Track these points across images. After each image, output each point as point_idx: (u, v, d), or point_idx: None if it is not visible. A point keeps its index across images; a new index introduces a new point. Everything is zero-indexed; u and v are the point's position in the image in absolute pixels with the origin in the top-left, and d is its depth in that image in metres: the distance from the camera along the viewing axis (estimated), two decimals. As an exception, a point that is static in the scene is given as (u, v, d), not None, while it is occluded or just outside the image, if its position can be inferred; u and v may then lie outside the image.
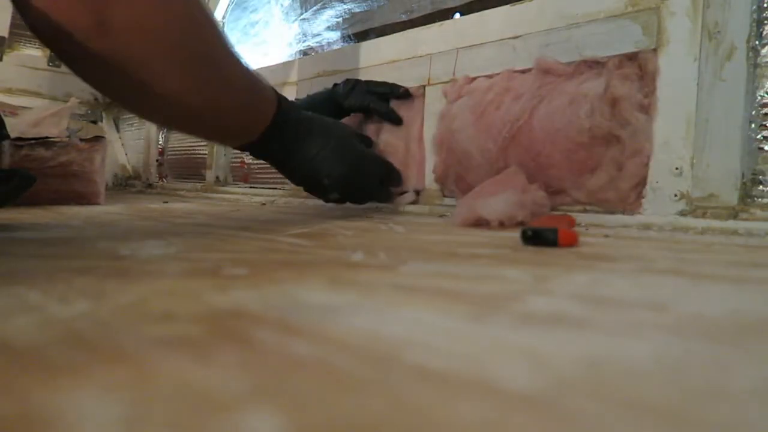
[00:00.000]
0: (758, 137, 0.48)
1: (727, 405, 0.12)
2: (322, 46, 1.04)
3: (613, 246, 0.39)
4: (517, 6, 0.64)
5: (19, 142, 0.74)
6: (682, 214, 0.50)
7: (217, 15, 1.29)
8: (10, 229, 0.46)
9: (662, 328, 0.18)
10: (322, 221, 0.56)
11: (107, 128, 1.48)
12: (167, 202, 0.94)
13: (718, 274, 0.29)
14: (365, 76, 0.81)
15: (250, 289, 0.23)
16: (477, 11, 0.69)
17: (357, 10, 0.97)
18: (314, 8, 1.05)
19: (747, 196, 0.48)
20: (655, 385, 0.13)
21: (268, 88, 0.55)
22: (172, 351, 0.15)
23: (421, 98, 0.74)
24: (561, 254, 0.35)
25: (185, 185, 1.26)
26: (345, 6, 0.99)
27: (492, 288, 0.25)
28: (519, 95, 0.61)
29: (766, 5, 0.48)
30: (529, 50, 0.62)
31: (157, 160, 1.39)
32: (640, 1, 0.54)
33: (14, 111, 0.86)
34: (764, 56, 0.48)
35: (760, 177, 0.48)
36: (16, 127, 0.74)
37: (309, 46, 1.07)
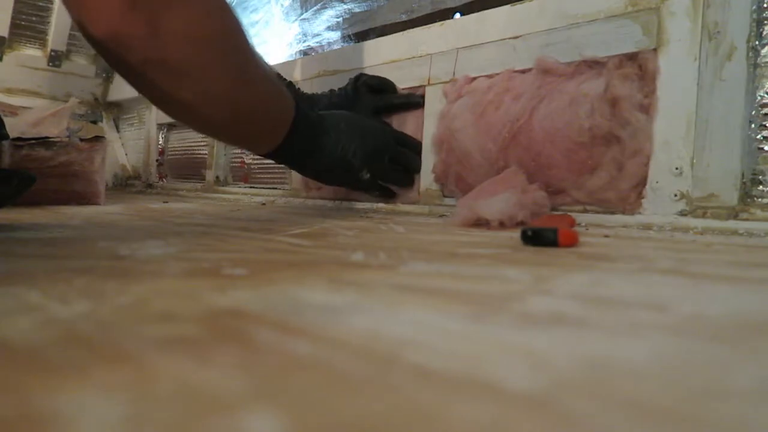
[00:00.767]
0: (758, 137, 0.48)
1: (727, 405, 0.12)
2: (322, 46, 1.04)
3: (613, 246, 0.39)
4: (518, 6, 0.64)
5: (19, 142, 0.74)
6: (682, 214, 0.50)
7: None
8: (10, 229, 0.46)
9: (662, 329, 0.18)
10: (322, 221, 0.56)
11: (107, 128, 1.47)
12: (167, 202, 0.94)
13: (718, 274, 0.29)
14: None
15: (249, 289, 0.23)
16: (477, 11, 0.69)
17: (357, 10, 0.97)
18: (314, 8, 1.04)
19: (747, 196, 0.48)
20: (655, 385, 0.13)
21: (287, 94, 0.56)
22: (172, 351, 0.15)
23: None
24: (561, 254, 0.35)
25: (185, 185, 1.26)
26: (345, 6, 0.99)
27: (492, 288, 0.25)
28: (519, 95, 0.61)
29: (766, 5, 0.48)
30: (529, 50, 0.62)
31: (157, 160, 1.38)
32: (640, 1, 0.54)
33: (14, 111, 0.86)
34: (764, 56, 0.48)
35: (760, 177, 0.48)
36: (16, 127, 0.74)
37: (309, 46, 1.07)
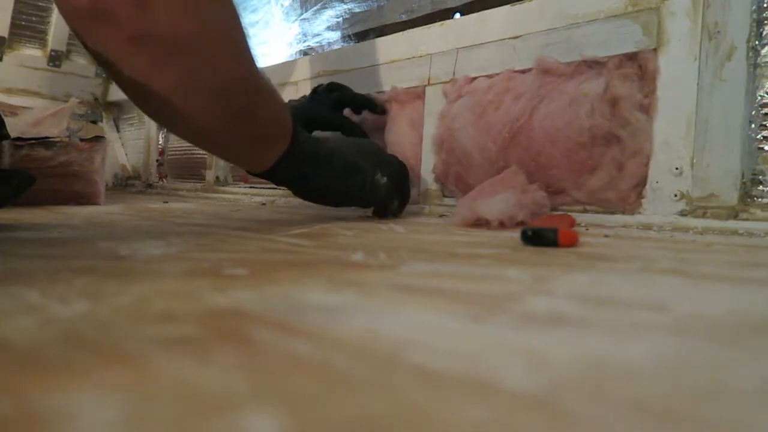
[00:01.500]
0: (758, 137, 0.48)
1: (727, 405, 0.12)
2: (322, 46, 1.04)
3: (613, 246, 0.39)
4: (518, 6, 0.64)
5: (19, 142, 0.74)
6: (682, 214, 0.50)
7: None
8: (10, 229, 0.46)
9: (662, 328, 0.18)
10: (322, 221, 0.56)
11: (107, 128, 1.47)
12: (167, 202, 0.94)
13: (718, 274, 0.29)
14: (365, 76, 0.81)
15: (249, 289, 0.23)
16: (477, 11, 0.69)
17: (357, 10, 0.97)
18: (314, 8, 1.04)
19: (747, 196, 0.48)
20: (655, 385, 0.13)
21: (283, 101, 0.49)
22: (172, 351, 0.15)
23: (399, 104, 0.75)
24: (561, 254, 0.35)
25: (185, 185, 1.26)
26: (345, 6, 0.99)
27: (492, 288, 0.25)
28: (519, 95, 0.61)
29: (766, 5, 0.48)
30: (529, 50, 0.62)
31: (157, 160, 1.38)
32: (640, 1, 0.54)
33: (14, 111, 0.86)
34: (764, 56, 0.48)
35: (760, 177, 0.48)
36: (16, 127, 0.74)
37: (309, 46, 1.07)
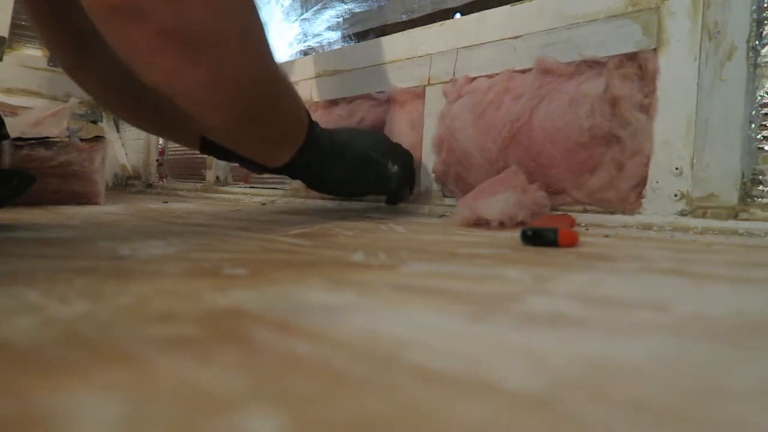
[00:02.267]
0: (758, 137, 0.48)
1: (727, 405, 0.12)
2: (322, 46, 1.04)
3: (613, 246, 0.39)
4: (518, 6, 0.64)
5: (19, 142, 0.74)
6: (682, 214, 0.50)
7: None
8: (10, 229, 0.46)
9: (662, 328, 0.18)
10: (322, 221, 0.56)
11: (107, 128, 1.47)
12: (167, 202, 0.94)
13: (718, 274, 0.29)
14: (365, 76, 0.81)
15: (250, 289, 0.23)
16: (477, 11, 0.69)
17: (357, 10, 0.97)
18: (315, 8, 1.04)
19: (747, 196, 0.48)
20: (655, 385, 0.13)
21: (303, 107, 0.53)
22: (172, 351, 0.15)
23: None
24: (561, 254, 0.35)
25: (185, 185, 1.26)
26: (345, 6, 0.99)
27: (492, 288, 0.25)
28: (519, 95, 0.61)
29: (766, 5, 0.48)
30: (529, 50, 0.62)
31: (157, 160, 1.38)
32: (640, 1, 0.54)
33: (14, 111, 0.86)
34: (764, 56, 0.48)
35: (760, 177, 0.48)
36: (16, 127, 0.74)
37: (309, 46, 1.07)
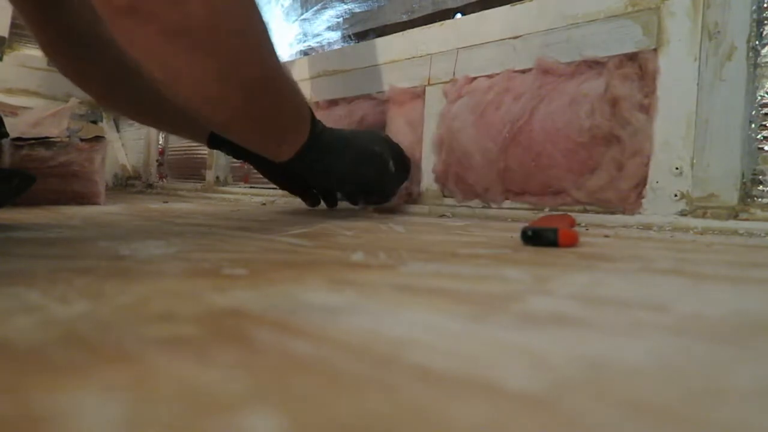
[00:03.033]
0: (758, 137, 0.48)
1: (727, 405, 0.12)
2: (322, 46, 1.04)
3: (613, 246, 0.39)
4: (518, 6, 0.64)
5: (19, 142, 0.74)
6: (682, 214, 0.50)
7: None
8: (10, 229, 0.46)
9: (662, 329, 0.18)
10: (322, 221, 0.56)
11: (107, 128, 1.47)
12: (167, 202, 0.94)
13: (718, 274, 0.29)
14: (365, 76, 0.81)
15: (250, 289, 0.23)
16: (477, 11, 0.69)
17: (358, 10, 0.97)
18: (315, 8, 1.04)
19: (747, 196, 0.48)
20: (656, 385, 0.13)
21: (305, 104, 0.53)
22: (172, 351, 0.15)
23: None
24: (561, 254, 0.35)
25: (185, 185, 1.26)
26: (345, 6, 0.99)
27: (492, 288, 0.25)
28: (519, 95, 0.61)
29: (766, 5, 0.48)
30: (529, 50, 0.62)
31: (157, 160, 1.38)
32: (640, 1, 0.54)
33: (14, 111, 0.86)
34: (764, 56, 0.48)
35: (760, 177, 0.48)
36: (16, 127, 0.74)
37: (309, 46, 1.07)
